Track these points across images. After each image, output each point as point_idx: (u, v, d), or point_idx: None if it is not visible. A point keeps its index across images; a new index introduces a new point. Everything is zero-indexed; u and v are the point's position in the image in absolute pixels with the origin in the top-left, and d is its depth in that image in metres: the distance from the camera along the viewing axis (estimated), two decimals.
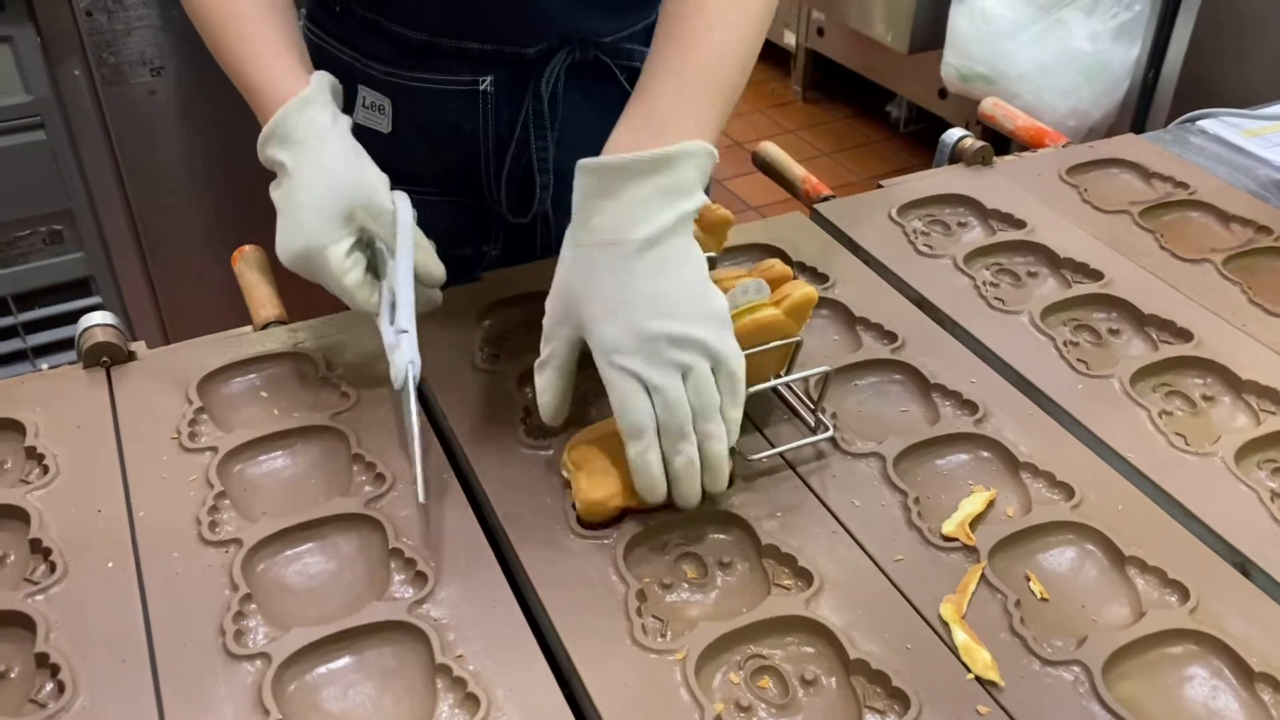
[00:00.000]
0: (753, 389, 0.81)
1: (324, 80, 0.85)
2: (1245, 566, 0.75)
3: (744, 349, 0.81)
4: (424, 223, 0.97)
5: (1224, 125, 1.33)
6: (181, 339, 0.94)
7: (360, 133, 0.99)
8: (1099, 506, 0.78)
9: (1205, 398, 0.90)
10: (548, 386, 0.78)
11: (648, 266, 0.71)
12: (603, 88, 1.03)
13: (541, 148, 1.02)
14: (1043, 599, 0.73)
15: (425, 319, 0.91)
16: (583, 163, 0.73)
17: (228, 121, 1.79)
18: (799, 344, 0.85)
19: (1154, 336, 0.96)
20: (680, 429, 0.72)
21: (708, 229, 0.88)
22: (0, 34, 1.59)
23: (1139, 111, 2.45)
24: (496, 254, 1.10)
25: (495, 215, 1.08)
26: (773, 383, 0.85)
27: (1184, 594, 0.72)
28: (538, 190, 0.95)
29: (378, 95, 1.01)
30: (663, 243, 0.72)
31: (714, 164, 0.75)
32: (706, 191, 0.76)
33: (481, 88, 0.99)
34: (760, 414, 0.87)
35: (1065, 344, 0.94)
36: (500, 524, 0.76)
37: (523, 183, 0.94)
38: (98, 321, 0.90)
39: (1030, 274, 1.04)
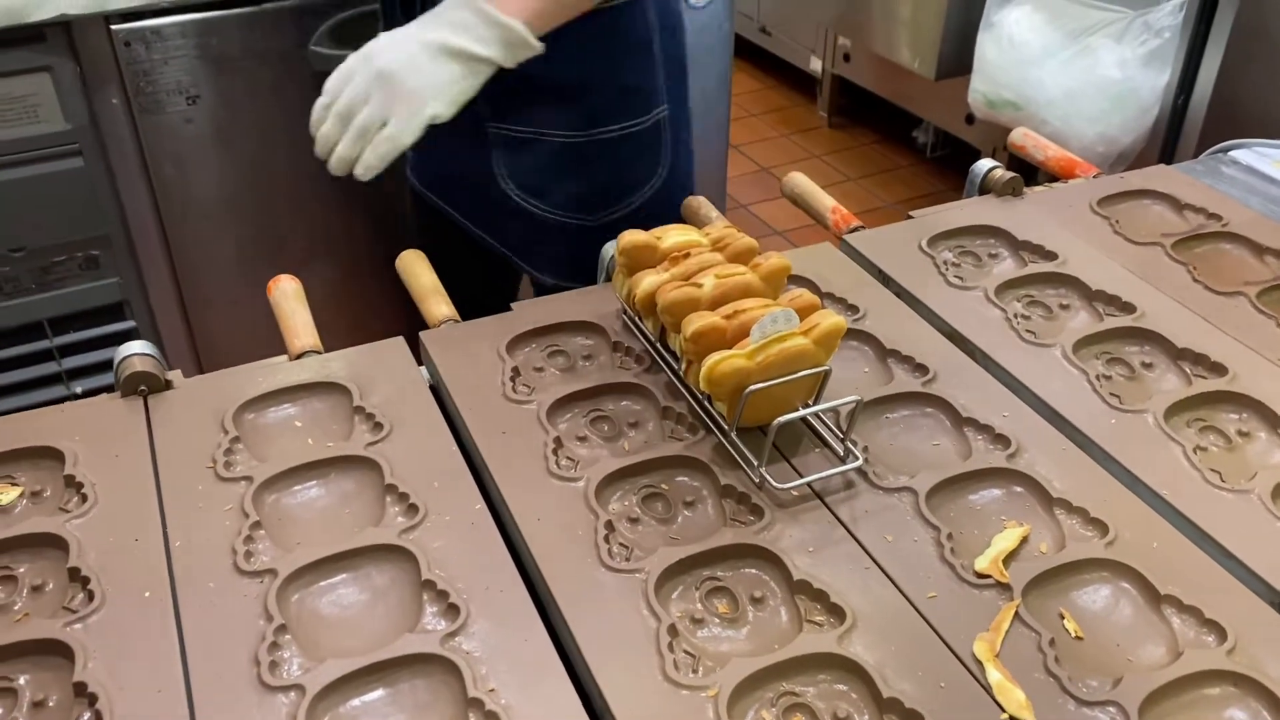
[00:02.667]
0: (782, 418, 0.81)
1: None
2: None
3: (773, 378, 0.82)
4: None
5: (1256, 155, 1.32)
6: (213, 363, 0.96)
7: None
8: (1134, 544, 0.78)
9: (1241, 433, 0.89)
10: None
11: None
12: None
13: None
14: (1077, 638, 0.72)
15: (458, 350, 0.92)
16: None
17: (262, 149, 1.81)
18: (827, 373, 0.85)
19: (1188, 371, 0.95)
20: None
21: (766, 277, 0.89)
22: (40, 64, 1.62)
23: (1168, 139, 2.44)
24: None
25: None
26: (801, 412, 0.85)
27: (1221, 634, 0.71)
28: None
29: None
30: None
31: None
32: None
33: None
34: (789, 443, 0.87)
35: (1098, 378, 0.93)
36: (531, 557, 0.77)
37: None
38: (136, 351, 0.91)
39: (1062, 306, 1.04)
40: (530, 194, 1.24)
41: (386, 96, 1.01)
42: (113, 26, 1.64)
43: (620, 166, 1.24)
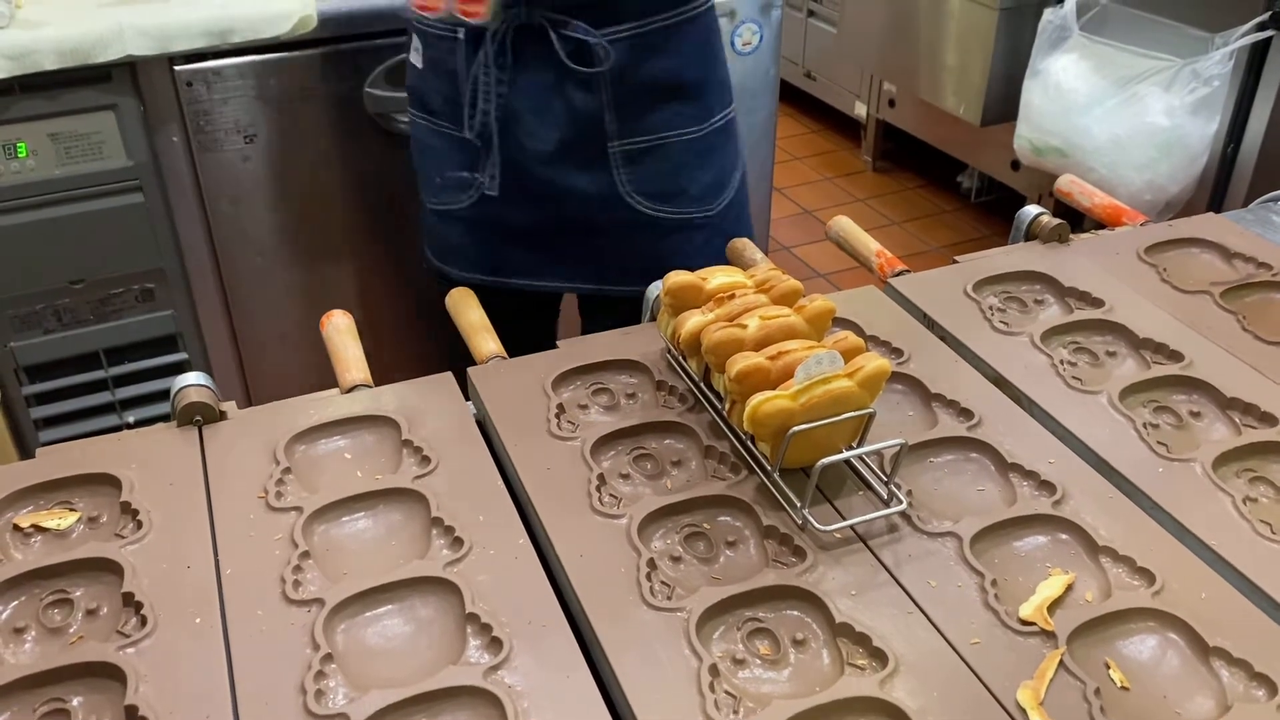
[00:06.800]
0: (825, 460, 0.81)
1: None
2: None
3: (816, 419, 0.82)
4: (434, 147, 1.40)
5: None
6: (261, 395, 0.98)
7: (408, 67, 1.39)
8: (1181, 594, 0.77)
9: None
10: None
11: None
12: (540, 46, 1.26)
13: (486, 83, 1.29)
14: (1123, 688, 0.72)
15: (505, 386, 0.93)
16: None
17: (317, 188, 1.85)
18: (871, 416, 0.85)
19: (1237, 420, 0.94)
20: None
21: (810, 319, 0.90)
22: (106, 102, 1.67)
23: (1217, 187, 2.42)
24: (486, 184, 1.35)
25: (481, 150, 1.34)
26: (845, 454, 0.85)
27: (1272, 689, 0.70)
28: (479, 114, 1.29)
29: (416, 39, 1.36)
30: None
31: None
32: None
33: (459, 37, 1.30)
34: (832, 485, 0.87)
35: (1145, 426, 0.93)
36: (574, 593, 0.77)
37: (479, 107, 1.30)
38: (192, 382, 0.94)
39: (1109, 353, 1.04)
40: (657, 200, 1.34)
41: None
42: (175, 67, 1.69)
43: (725, 153, 1.40)
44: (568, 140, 1.30)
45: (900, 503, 0.83)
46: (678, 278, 0.95)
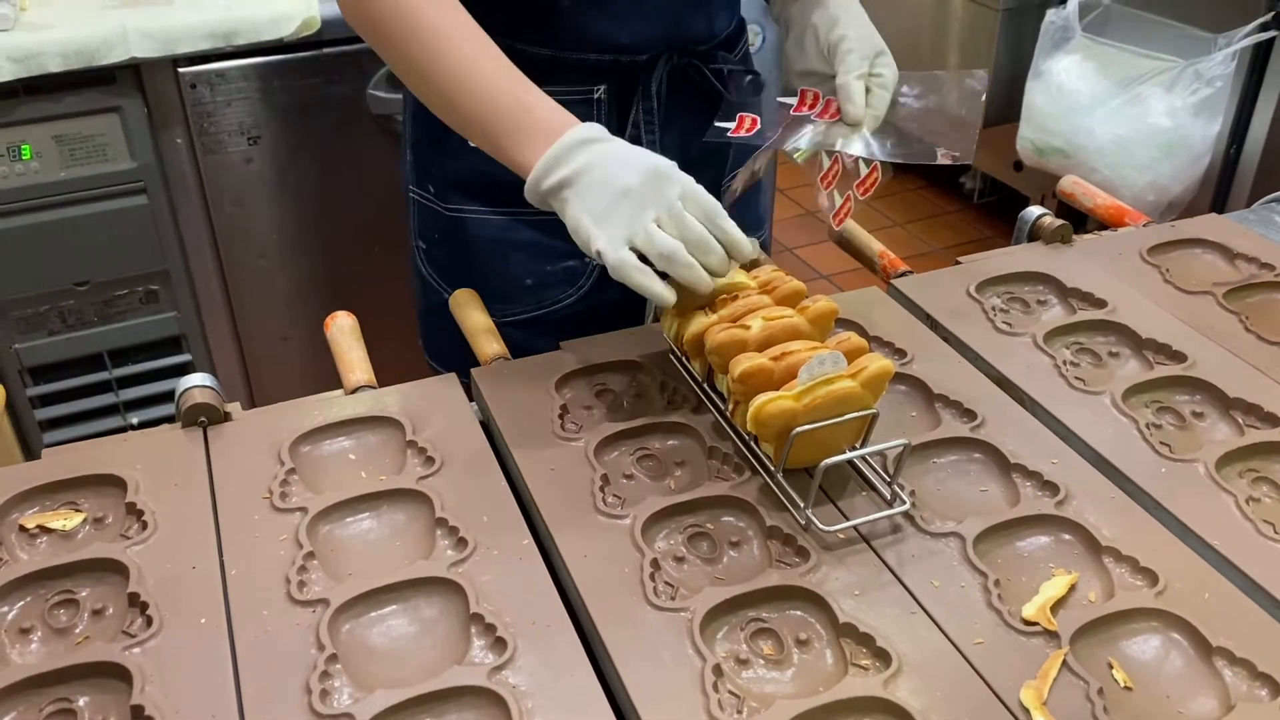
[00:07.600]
0: (829, 461, 0.82)
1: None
2: None
3: (820, 420, 0.82)
4: (529, 242, 1.16)
5: None
6: (265, 396, 0.98)
7: (454, 151, 1.15)
8: (1184, 594, 0.77)
9: None
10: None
11: None
12: (697, 88, 1.14)
13: (651, 141, 1.14)
14: (1126, 688, 0.72)
15: (509, 387, 0.93)
16: None
17: (320, 189, 1.86)
18: (875, 416, 0.85)
19: (1240, 421, 0.94)
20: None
21: (814, 320, 0.90)
22: (110, 104, 1.68)
23: (1220, 188, 2.42)
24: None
25: None
26: (848, 455, 0.86)
27: (1275, 688, 0.70)
28: None
29: None
30: None
31: None
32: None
33: (596, 96, 1.10)
34: (835, 486, 0.87)
35: (1148, 426, 0.93)
36: (578, 593, 0.77)
37: None
38: (196, 383, 0.94)
39: (1112, 354, 1.04)
40: (751, 228, 1.21)
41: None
42: (179, 69, 1.70)
43: None
44: (704, 185, 1.17)
45: (903, 503, 0.84)
46: None
